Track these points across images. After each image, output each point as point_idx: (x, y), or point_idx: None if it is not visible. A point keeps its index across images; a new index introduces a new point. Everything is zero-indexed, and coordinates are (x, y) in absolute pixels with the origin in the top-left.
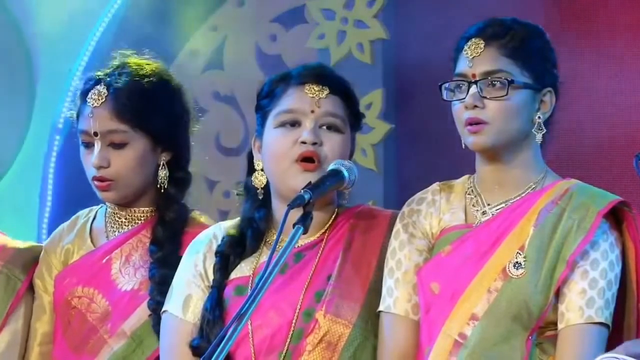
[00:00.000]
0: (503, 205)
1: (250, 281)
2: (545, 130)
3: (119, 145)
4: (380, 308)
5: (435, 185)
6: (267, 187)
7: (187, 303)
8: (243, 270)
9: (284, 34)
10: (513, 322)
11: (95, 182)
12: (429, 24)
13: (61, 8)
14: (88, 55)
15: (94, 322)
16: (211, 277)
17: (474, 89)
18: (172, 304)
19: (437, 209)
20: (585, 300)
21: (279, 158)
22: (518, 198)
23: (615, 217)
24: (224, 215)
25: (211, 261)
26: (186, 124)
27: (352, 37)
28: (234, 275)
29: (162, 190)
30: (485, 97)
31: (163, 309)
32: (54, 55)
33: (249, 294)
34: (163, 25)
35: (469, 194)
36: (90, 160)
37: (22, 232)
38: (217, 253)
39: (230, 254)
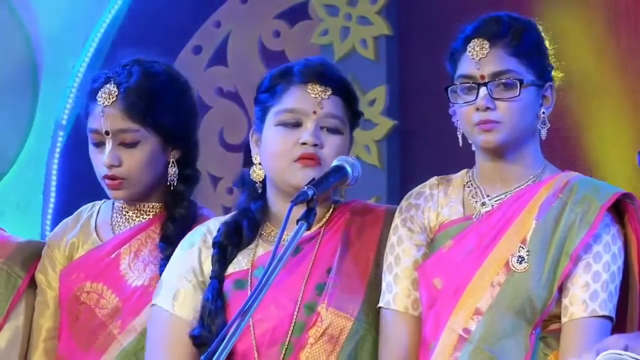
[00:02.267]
0: (503, 196)
1: (249, 275)
2: (549, 125)
3: (130, 145)
4: (380, 304)
5: (433, 179)
6: (263, 180)
7: (177, 297)
8: (240, 264)
9: (288, 30)
10: (517, 316)
11: (106, 181)
12: (433, 19)
13: (64, 5)
14: (92, 52)
15: (104, 318)
16: (205, 271)
17: (484, 90)
18: (161, 298)
19: (435, 203)
20: (588, 293)
21: (279, 157)
22: (518, 189)
23: (617, 209)
24: (227, 211)
25: (206, 255)
26: (195, 122)
27: (355, 34)
28: (232, 269)
29: (172, 188)
30: (496, 99)
31: (152, 302)
32: (57, 52)
33: (251, 291)
34: (166, 21)
35: (467, 187)
36: (101, 159)
37: (26, 228)
38: (214, 244)
39: (227, 244)
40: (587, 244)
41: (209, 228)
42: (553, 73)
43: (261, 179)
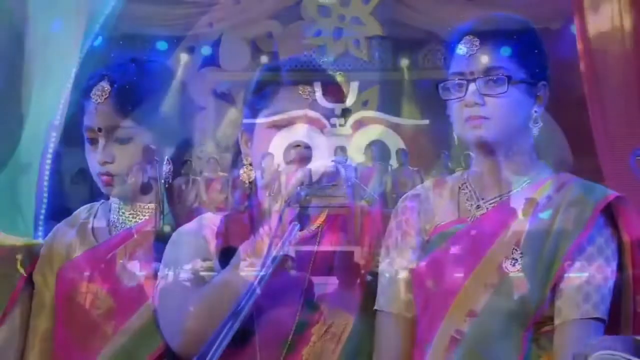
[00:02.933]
0: (498, 199)
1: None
2: (541, 124)
3: (123, 141)
4: (375, 306)
5: (429, 182)
6: (254, 180)
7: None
8: None
9: (281, 30)
10: (510, 318)
11: (101, 177)
12: (425, 20)
13: (58, 6)
14: (84, 52)
15: (98, 319)
16: (206, 261)
17: (472, 86)
18: (174, 271)
19: (430, 205)
20: (582, 295)
21: (273, 159)
22: (513, 192)
23: (611, 211)
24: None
25: (207, 245)
26: (190, 121)
27: (348, 34)
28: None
29: (167, 186)
30: (484, 95)
31: (156, 285)
32: (50, 52)
33: (245, 291)
34: (159, 23)
35: (462, 189)
36: (95, 157)
37: (19, 229)
38: (218, 234)
39: (229, 236)
40: (580, 245)
41: (210, 219)
42: (549, 73)
43: (251, 180)
